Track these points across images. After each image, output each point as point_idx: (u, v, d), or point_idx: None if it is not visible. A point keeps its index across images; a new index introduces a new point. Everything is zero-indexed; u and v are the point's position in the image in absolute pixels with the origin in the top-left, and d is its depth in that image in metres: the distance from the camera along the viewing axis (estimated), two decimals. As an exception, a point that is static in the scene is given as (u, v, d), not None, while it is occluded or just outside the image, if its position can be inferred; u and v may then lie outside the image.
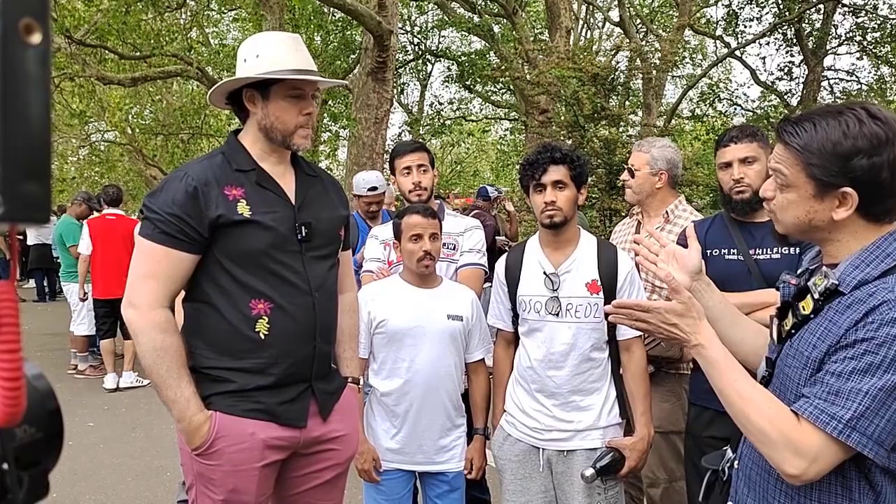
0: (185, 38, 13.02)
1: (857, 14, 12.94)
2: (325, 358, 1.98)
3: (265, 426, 1.85)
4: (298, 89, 1.88)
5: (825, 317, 1.24)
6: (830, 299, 1.25)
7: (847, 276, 1.23)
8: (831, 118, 1.22)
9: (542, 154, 2.27)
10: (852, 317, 1.19)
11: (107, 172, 18.35)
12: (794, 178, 1.26)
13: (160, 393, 1.80)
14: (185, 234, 1.78)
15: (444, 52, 17.36)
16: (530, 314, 2.32)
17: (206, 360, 1.85)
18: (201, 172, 1.82)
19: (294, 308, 1.86)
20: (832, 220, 1.24)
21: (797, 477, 1.19)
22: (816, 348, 1.23)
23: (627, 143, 7.75)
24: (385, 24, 8.73)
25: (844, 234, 1.26)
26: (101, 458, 4.70)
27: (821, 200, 1.24)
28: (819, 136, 1.22)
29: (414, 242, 2.44)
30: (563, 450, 2.27)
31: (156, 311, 1.78)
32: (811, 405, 1.19)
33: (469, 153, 27.44)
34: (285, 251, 1.86)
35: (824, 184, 1.22)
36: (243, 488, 1.84)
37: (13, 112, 0.44)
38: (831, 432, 1.16)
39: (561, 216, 2.25)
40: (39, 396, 0.55)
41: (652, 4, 17.73)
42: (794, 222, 1.30)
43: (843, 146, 1.20)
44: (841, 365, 1.18)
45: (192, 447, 1.82)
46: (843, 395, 1.16)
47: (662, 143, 2.97)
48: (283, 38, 1.96)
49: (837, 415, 1.15)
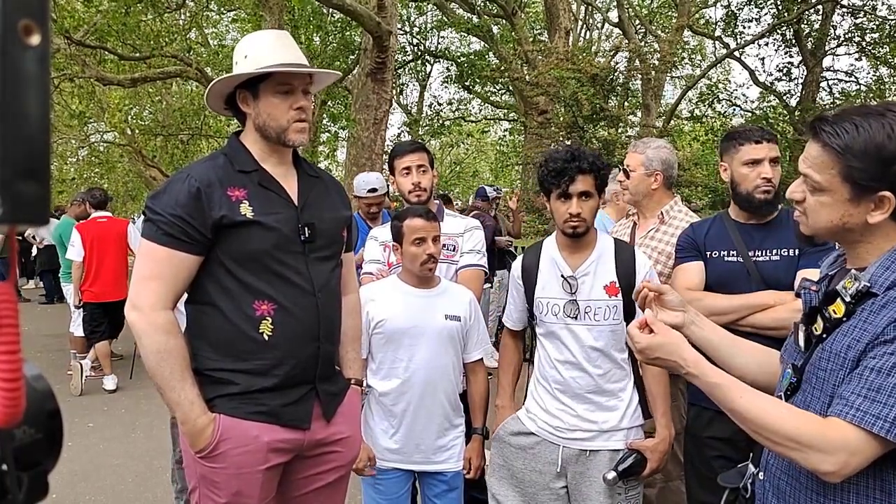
0: (185, 39, 13.02)
1: (855, 15, 12.94)
2: (328, 359, 1.98)
3: (269, 429, 1.84)
4: (286, 84, 1.86)
5: (859, 318, 1.22)
6: (862, 301, 1.23)
7: (879, 278, 1.22)
8: (874, 119, 1.18)
9: (571, 163, 2.17)
10: (890, 315, 1.16)
11: (106, 173, 18.34)
12: (830, 181, 1.22)
13: (164, 395, 1.79)
14: (188, 235, 1.77)
15: (443, 53, 17.38)
16: (548, 317, 2.30)
17: (209, 361, 1.85)
18: (204, 173, 1.82)
19: (297, 309, 1.85)
20: (866, 223, 1.22)
21: (835, 473, 1.16)
22: (852, 349, 1.21)
23: (626, 144, 7.76)
24: (384, 24, 8.73)
25: (877, 237, 1.24)
26: (101, 458, 4.70)
27: (857, 204, 1.21)
28: (862, 138, 1.18)
29: (417, 246, 2.43)
30: (586, 449, 2.25)
31: (158, 313, 1.77)
32: (852, 407, 1.16)
33: (468, 154, 27.45)
34: (288, 252, 1.86)
35: (862, 187, 1.19)
36: (247, 491, 1.83)
37: (12, 113, 0.44)
38: (878, 432, 1.12)
39: (584, 227, 2.23)
40: (39, 397, 0.55)
41: (651, 5, 17.73)
42: (827, 225, 1.26)
43: (887, 150, 1.16)
44: (881, 361, 1.15)
45: (196, 450, 1.81)
46: (885, 391, 1.13)
47: (658, 144, 2.96)
48: (270, 34, 1.95)
49: (882, 413, 1.12)
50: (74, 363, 6.35)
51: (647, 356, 1.41)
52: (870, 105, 1.25)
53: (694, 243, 2.49)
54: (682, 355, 1.36)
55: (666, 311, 1.53)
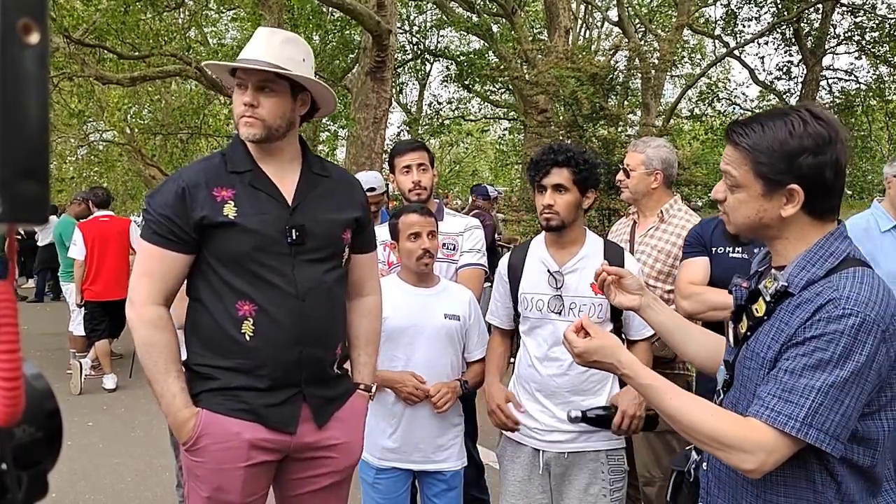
0: (184, 38, 13.00)
1: (855, 14, 12.95)
2: (316, 363, 1.92)
3: (251, 427, 1.85)
4: (241, 80, 1.88)
5: (777, 318, 1.29)
6: (781, 300, 1.30)
7: (795, 278, 1.28)
8: (777, 119, 1.28)
9: (546, 155, 2.25)
10: (802, 315, 1.24)
11: (106, 172, 18.34)
12: (744, 178, 1.31)
13: (151, 387, 1.85)
14: (175, 234, 1.82)
15: (442, 52, 17.38)
16: (532, 312, 2.31)
17: (197, 356, 1.90)
18: (194, 174, 1.87)
19: (278, 312, 1.84)
20: (781, 218, 1.30)
21: (755, 471, 1.23)
22: (770, 349, 1.28)
23: (626, 143, 7.74)
24: (384, 23, 8.73)
25: (792, 232, 1.31)
26: (101, 458, 4.70)
27: (769, 199, 1.29)
28: (767, 136, 1.27)
29: (412, 241, 2.44)
30: (564, 451, 2.25)
31: (147, 308, 1.82)
32: (766, 407, 1.23)
33: (468, 153, 27.45)
34: (272, 254, 1.85)
35: (772, 182, 1.28)
36: (227, 487, 1.84)
37: (11, 112, 0.44)
38: (790, 431, 1.19)
39: (557, 220, 2.23)
40: (38, 396, 0.55)
41: (651, 4, 17.73)
42: (745, 221, 1.34)
43: (790, 145, 1.25)
44: (793, 362, 1.22)
45: (181, 442, 1.86)
46: (797, 392, 1.20)
47: (658, 143, 2.97)
48: (259, 32, 1.95)
49: (794, 414, 1.19)
50: (74, 362, 6.35)
51: (585, 360, 1.49)
52: (778, 108, 1.36)
53: (700, 239, 2.55)
54: (619, 357, 1.44)
55: (624, 294, 1.64)
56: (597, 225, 8.02)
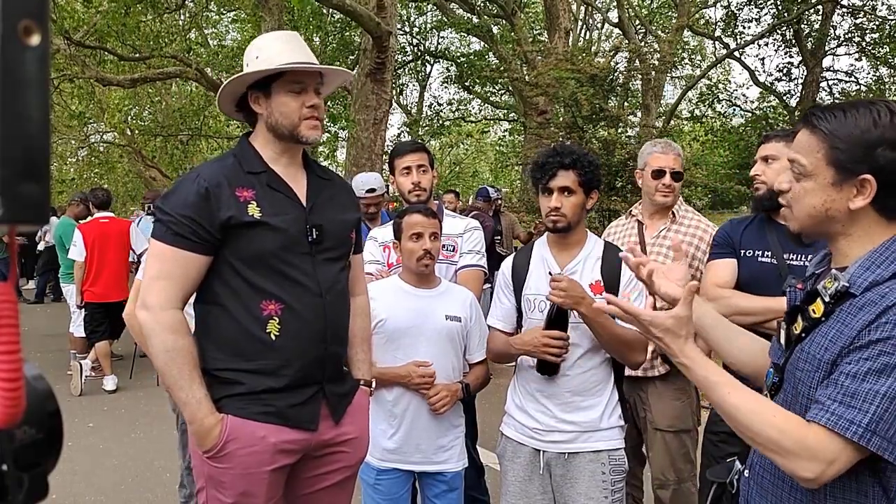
0: (185, 40, 13.03)
1: (855, 15, 12.95)
2: (336, 360, 1.98)
3: (276, 430, 1.84)
4: (299, 83, 1.87)
5: (837, 319, 1.22)
6: (841, 302, 1.23)
7: (858, 278, 1.21)
8: (862, 107, 1.22)
9: (552, 158, 2.24)
10: (865, 318, 1.17)
11: (106, 174, 18.37)
12: (815, 166, 1.24)
13: (172, 394, 1.81)
14: (197, 235, 1.78)
15: (442, 53, 17.40)
16: (534, 314, 2.31)
17: (216, 362, 1.85)
18: (213, 174, 1.83)
19: (305, 310, 1.85)
20: (848, 211, 1.23)
21: (814, 480, 1.17)
22: (829, 351, 1.21)
23: (626, 144, 7.75)
24: (384, 25, 8.73)
25: (858, 229, 1.25)
26: (101, 458, 4.69)
27: (839, 189, 1.23)
28: (849, 123, 1.21)
29: (414, 241, 2.44)
30: (564, 452, 2.25)
31: (167, 312, 1.78)
32: (827, 411, 1.16)
33: (468, 154, 27.45)
34: (295, 253, 1.86)
35: (846, 170, 1.21)
36: (253, 491, 1.83)
37: (12, 113, 0.44)
38: (851, 437, 1.13)
39: (565, 222, 2.24)
40: (39, 397, 0.55)
41: (651, 5, 17.75)
42: (810, 212, 1.27)
43: (872, 134, 1.19)
44: (856, 366, 1.15)
45: (204, 450, 1.81)
46: (860, 397, 1.13)
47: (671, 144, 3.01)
48: (281, 35, 1.97)
49: (856, 419, 1.13)
50: (74, 363, 6.35)
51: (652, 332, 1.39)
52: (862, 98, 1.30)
53: (729, 240, 2.49)
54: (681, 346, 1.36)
55: (669, 284, 1.55)
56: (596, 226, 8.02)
